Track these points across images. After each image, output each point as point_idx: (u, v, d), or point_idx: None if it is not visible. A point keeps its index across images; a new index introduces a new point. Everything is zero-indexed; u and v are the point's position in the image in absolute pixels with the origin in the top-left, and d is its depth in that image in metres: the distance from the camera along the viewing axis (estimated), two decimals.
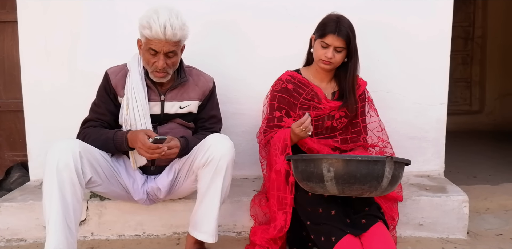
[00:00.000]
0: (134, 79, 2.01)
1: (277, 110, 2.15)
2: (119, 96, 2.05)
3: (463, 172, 3.36)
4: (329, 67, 2.11)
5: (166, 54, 1.92)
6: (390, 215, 2.17)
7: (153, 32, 1.85)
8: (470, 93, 5.56)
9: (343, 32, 2.02)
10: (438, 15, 2.58)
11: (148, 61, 1.95)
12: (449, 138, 2.73)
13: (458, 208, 2.33)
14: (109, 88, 2.05)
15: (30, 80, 2.57)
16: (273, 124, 2.15)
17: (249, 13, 2.55)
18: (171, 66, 1.97)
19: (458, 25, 5.15)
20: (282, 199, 2.02)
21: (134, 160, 2.04)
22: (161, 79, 2.00)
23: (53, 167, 1.73)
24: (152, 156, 1.87)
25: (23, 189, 2.53)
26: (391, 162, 1.72)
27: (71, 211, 1.75)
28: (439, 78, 2.63)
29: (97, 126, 2.03)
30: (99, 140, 1.96)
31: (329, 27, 2.04)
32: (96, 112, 2.06)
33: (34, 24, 2.53)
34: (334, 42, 2.04)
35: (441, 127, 2.67)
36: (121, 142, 1.93)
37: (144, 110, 2.00)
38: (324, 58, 2.07)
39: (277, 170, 2.02)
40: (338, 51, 2.07)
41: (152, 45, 1.89)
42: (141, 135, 1.87)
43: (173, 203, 2.29)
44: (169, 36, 1.86)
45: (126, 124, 2.02)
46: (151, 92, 2.05)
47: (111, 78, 2.05)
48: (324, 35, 2.04)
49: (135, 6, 2.50)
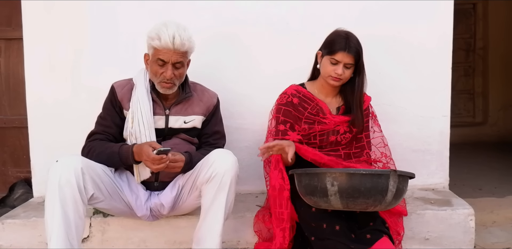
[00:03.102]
0: (140, 92, 2.04)
1: (281, 124, 2.15)
2: (124, 109, 2.07)
3: (468, 185, 3.33)
4: (338, 84, 2.13)
5: (173, 64, 1.97)
6: (395, 230, 2.15)
7: (162, 42, 1.91)
8: (473, 104, 5.55)
9: (353, 48, 2.04)
10: (438, 26, 2.59)
11: (156, 72, 1.99)
12: (453, 150, 2.72)
13: (464, 221, 2.31)
14: (115, 101, 2.07)
15: (35, 96, 2.59)
16: (278, 137, 2.14)
17: (250, 27, 2.57)
18: (178, 77, 2.01)
19: (459, 37, 5.16)
20: (279, 214, 2.00)
21: (138, 174, 2.04)
22: (168, 91, 2.02)
23: (55, 184, 1.74)
24: (158, 167, 1.87)
25: (26, 205, 2.53)
26: (395, 176, 1.71)
27: (73, 228, 1.75)
28: (441, 90, 2.63)
29: (103, 139, 2.04)
30: (105, 154, 1.97)
31: (338, 44, 2.05)
32: (102, 125, 2.07)
33: (38, 40, 2.55)
34: (344, 58, 2.05)
35: (444, 139, 2.66)
36: (127, 156, 1.94)
37: (149, 123, 2.02)
38: (334, 74, 2.07)
39: (272, 185, 2.02)
40: (347, 67, 2.08)
41: (160, 55, 1.94)
42: (145, 148, 1.88)
43: (176, 219, 2.27)
44: (178, 45, 1.92)
45: (131, 137, 2.03)
46: (156, 106, 2.07)
47: (117, 91, 2.07)
48: (333, 52, 2.06)
49: (137, 21, 2.53)
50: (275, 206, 2.02)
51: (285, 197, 2.00)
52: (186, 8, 2.54)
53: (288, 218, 2.00)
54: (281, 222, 2.00)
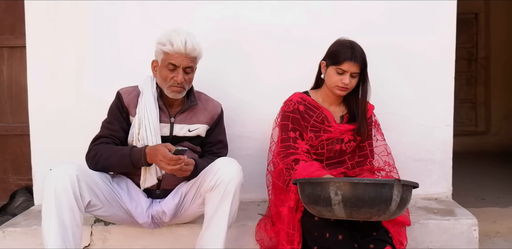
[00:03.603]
0: (148, 99, 2.05)
1: (291, 131, 2.14)
2: (130, 115, 2.08)
3: (471, 194, 3.32)
4: (344, 93, 2.14)
5: (184, 69, 2.00)
6: (398, 240, 2.13)
7: (174, 47, 1.96)
8: (476, 113, 5.56)
9: (359, 58, 2.06)
10: (441, 36, 2.61)
11: (166, 77, 2.01)
12: (456, 159, 2.71)
13: (468, 231, 2.30)
14: (121, 106, 2.09)
15: (37, 104, 2.60)
16: (289, 144, 2.12)
17: (252, 35, 2.59)
18: (188, 82, 2.05)
19: (461, 46, 5.20)
20: (291, 235, 1.99)
21: (144, 180, 2.04)
22: (178, 95, 2.05)
23: (51, 192, 1.75)
24: (174, 168, 1.87)
25: (27, 214, 2.52)
26: (399, 185, 1.71)
27: (70, 236, 1.75)
28: (444, 99, 2.64)
29: (109, 142, 2.04)
30: (115, 157, 1.96)
31: (343, 54, 2.06)
32: (109, 129, 2.07)
33: (41, 48, 2.57)
34: (350, 68, 2.06)
35: (447, 148, 2.66)
36: (139, 158, 1.93)
37: (156, 130, 2.03)
38: (341, 84, 2.09)
39: (291, 207, 2.01)
40: (353, 77, 2.10)
41: (172, 60, 1.98)
42: (162, 148, 1.89)
43: (178, 227, 2.27)
44: (190, 50, 1.98)
45: (138, 143, 2.03)
46: (161, 113, 2.09)
47: (124, 97, 2.09)
48: (339, 62, 2.07)
49: (139, 31, 2.55)
50: (289, 228, 2.00)
51: (297, 219, 1.99)
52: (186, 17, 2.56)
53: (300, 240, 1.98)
54: (291, 243, 1.98)
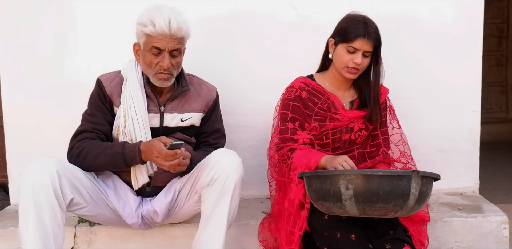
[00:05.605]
0: (133, 87, 2.04)
1: (290, 122, 2.15)
2: (114, 106, 2.07)
3: (501, 189, 3.34)
4: (354, 76, 2.13)
5: (170, 52, 1.97)
6: (419, 239, 2.16)
7: (157, 27, 1.91)
8: (506, 98, 5.56)
9: (372, 34, 2.05)
10: (466, 10, 2.60)
11: (151, 62, 1.99)
12: (484, 150, 2.73)
13: (497, 230, 2.32)
14: (103, 96, 2.07)
15: (11, 92, 2.60)
16: (287, 136, 2.14)
17: (253, 17, 2.59)
18: (176, 67, 2.02)
19: (490, 22, 5.18)
20: (290, 234, 2.00)
21: (136, 179, 2.04)
22: (165, 83, 2.03)
23: (28, 189, 1.75)
24: (172, 163, 1.86)
25: (2, 214, 2.55)
26: (417, 177, 1.71)
27: (50, 237, 1.76)
28: (470, 82, 2.65)
29: (94, 138, 2.03)
30: (105, 155, 1.96)
31: (356, 30, 2.05)
32: (92, 122, 2.06)
33: (15, 32, 2.56)
34: (363, 46, 2.05)
35: (474, 138, 2.67)
36: (133, 156, 1.93)
37: (144, 121, 2.02)
38: (352, 64, 2.07)
39: (291, 200, 2.02)
40: (366, 56, 2.09)
41: (155, 43, 1.94)
42: (156, 143, 1.88)
43: (171, 228, 2.29)
44: (175, 30, 1.93)
45: (125, 137, 2.02)
46: (149, 102, 2.07)
47: (105, 85, 2.07)
48: (351, 39, 2.06)
49: (124, 11, 2.54)
50: (288, 224, 2.01)
51: (302, 216, 1.99)
52: None
53: (299, 240, 1.99)
54: (290, 243, 2.00)
